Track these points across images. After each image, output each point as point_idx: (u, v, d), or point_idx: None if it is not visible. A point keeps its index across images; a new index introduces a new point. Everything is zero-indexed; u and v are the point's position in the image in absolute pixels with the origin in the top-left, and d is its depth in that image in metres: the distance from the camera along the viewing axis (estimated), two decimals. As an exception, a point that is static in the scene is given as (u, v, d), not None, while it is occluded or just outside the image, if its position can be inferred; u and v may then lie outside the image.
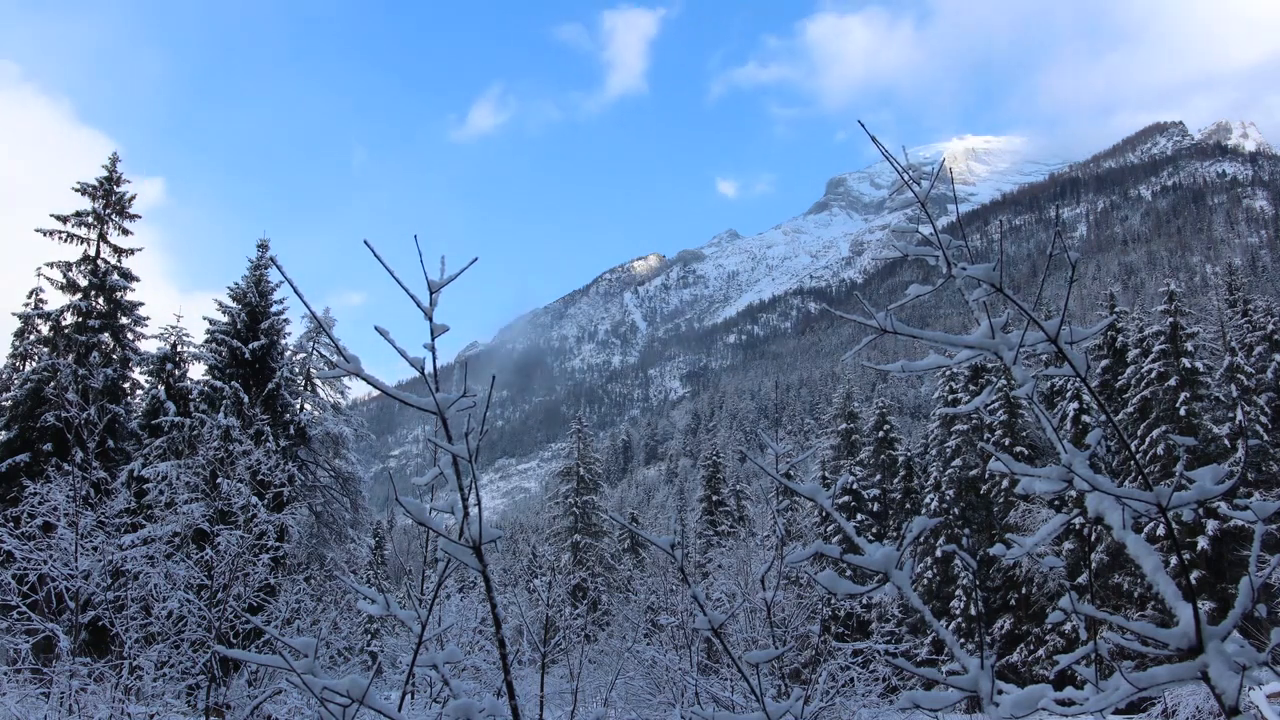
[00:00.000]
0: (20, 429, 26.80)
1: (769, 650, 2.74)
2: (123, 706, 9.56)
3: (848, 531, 2.55)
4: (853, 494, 46.69)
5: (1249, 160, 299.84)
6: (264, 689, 10.54)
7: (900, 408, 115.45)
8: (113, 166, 29.66)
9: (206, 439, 20.61)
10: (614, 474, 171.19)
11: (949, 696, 2.39)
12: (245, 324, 29.01)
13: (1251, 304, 40.42)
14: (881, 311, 2.50)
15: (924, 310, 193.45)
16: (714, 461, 54.83)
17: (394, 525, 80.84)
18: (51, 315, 28.40)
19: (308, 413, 30.19)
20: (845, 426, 53.55)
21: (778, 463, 3.23)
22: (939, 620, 11.88)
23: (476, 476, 2.58)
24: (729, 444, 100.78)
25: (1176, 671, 2.19)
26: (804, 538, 40.17)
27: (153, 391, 29.19)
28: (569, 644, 12.98)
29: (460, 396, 2.56)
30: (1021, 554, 2.58)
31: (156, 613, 10.85)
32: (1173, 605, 2.27)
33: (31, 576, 11.26)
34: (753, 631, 14.82)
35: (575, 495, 52.35)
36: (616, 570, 48.08)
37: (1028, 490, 2.49)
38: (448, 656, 2.95)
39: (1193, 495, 2.25)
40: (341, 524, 29.92)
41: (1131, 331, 38.49)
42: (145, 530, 16.33)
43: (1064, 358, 2.38)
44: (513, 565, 56.06)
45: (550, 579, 19.30)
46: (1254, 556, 2.37)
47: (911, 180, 2.66)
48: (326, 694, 2.33)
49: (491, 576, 2.68)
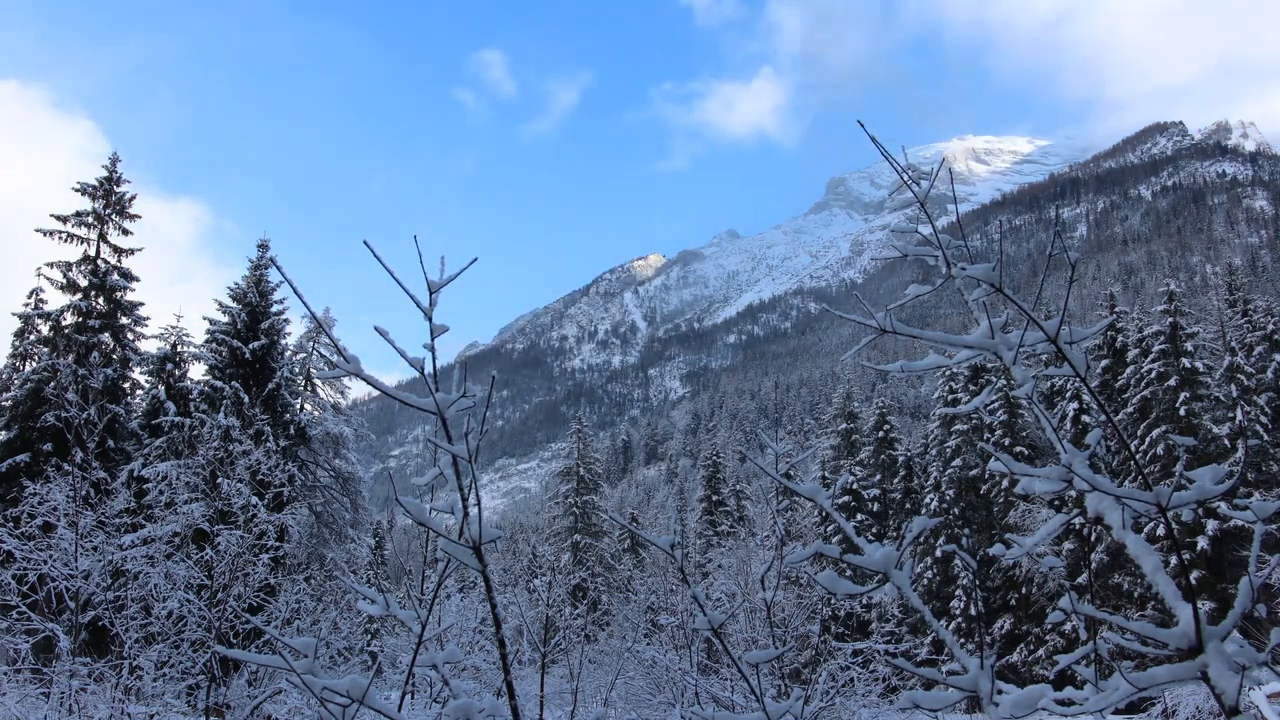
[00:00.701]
0: (20, 429, 26.80)
1: (769, 650, 2.74)
2: (123, 706, 9.56)
3: (847, 531, 2.55)
4: (853, 494, 46.69)
5: (1249, 160, 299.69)
6: (264, 689, 10.54)
7: (900, 408, 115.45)
8: (113, 167, 29.65)
9: (206, 439, 20.60)
10: (614, 474, 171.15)
11: (949, 696, 2.39)
12: (245, 324, 29.01)
13: (1251, 304, 40.42)
14: (881, 311, 2.50)
15: (924, 310, 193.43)
16: (714, 461, 54.82)
17: (394, 525, 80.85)
18: (52, 315, 28.40)
19: (308, 413, 30.19)
20: (845, 426, 53.54)
21: (777, 463, 3.23)
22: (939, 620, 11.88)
23: (476, 476, 2.58)
24: (729, 444, 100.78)
25: (1176, 671, 2.19)
26: (804, 538, 40.13)
27: (153, 391, 29.19)
28: (569, 644, 12.98)
29: (460, 396, 2.56)
30: (1021, 554, 2.58)
31: (156, 613, 10.85)
32: (1172, 605, 2.27)
33: (31, 576, 11.26)
34: (753, 631, 14.83)
35: (575, 495, 52.35)
36: (616, 570, 48.09)
37: (1027, 490, 2.49)
38: (448, 656, 2.95)
39: (1192, 495, 2.25)
40: (341, 524, 29.92)
41: (1131, 331, 38.48)
42: (145, 530, 16.34)
43: (1064, 358, 2.38)
44: (513, 565, 56.04)
45: (550, 579, 19.30)
46: (1254, 556, 2.37)
47: (911, 180, 2.66)
48: (326, 694, 2.33)
49: (491, 576, 2.68)
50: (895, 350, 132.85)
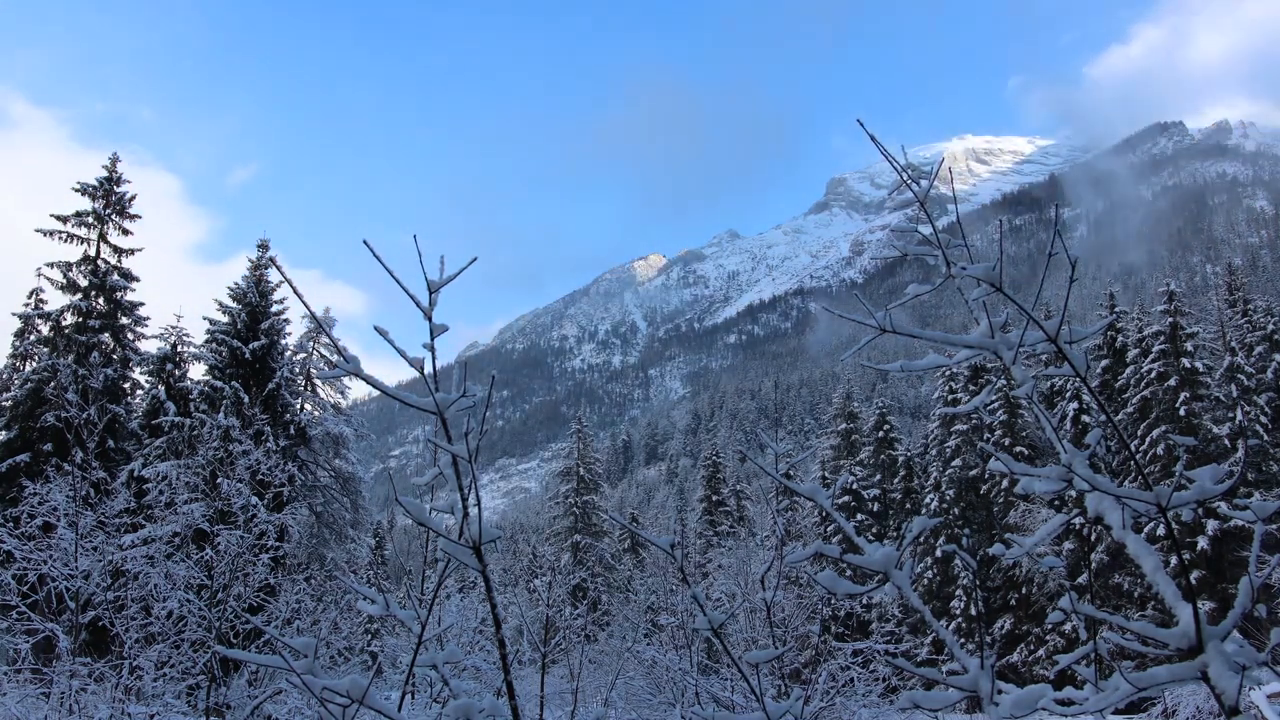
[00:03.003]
0: (20, 429, 26.79)
1: (769, 650, 2.74)
2: (123, 707, 9.56)
3: (847, 531, 2.55)
4: (853, 494, 46.68)
5: (1249, 160, 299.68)
6: (264, 689, 10.54)
7: (900, 408, 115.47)
8: (113, 167, 29.64)
9: (206, 439, 20.59)
10: (614, 474, 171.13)
11: (949, 696, 2.39)
12: (245, 324, 28.98)
13: (1251, 304, 40.42)
14: (881, 311, 2.50)
15: (924, 310, 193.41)
16: (714, 462, 54.82)
17: (394, 525, 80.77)
18: (52, 315, 28.39)
19: (308, 413, 30.18)
20: (845, 426, 53.52)
21: (777, 463, 3.23)
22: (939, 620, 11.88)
23: (476, 476, 2.58)
24: (729, 444, 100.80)
25: (1176, 671, 2.19)
26: (804, 538, 40.13)
27: (153, 391, 29.17)
28: (569, 644, 12.99)
29: (460, 396, 2.56)
30: (1021, 554, 2.58)
31: (156, 613, 10.84)
32: (1172, 605, 2.27)
33: (31, 576, 11.26)
34: (753, 631, 14.83)
35: (575, 495, 52.34)
36: (617, 570, 48.09)
37: (1027, 490, 2.49)
38: (448, 656, 2.95)
39: (1192, 495, 2.25)
40: (342, 524, 29.91)
41: (1131, 331, 38.47)
42: (145, 530, 16.35)
43: (1064, 357, 2.38)
44: (513, 565, 56.02)
45: (550, 579, 19.30)
46: (1254, 556, 2.37)
47: (911, 180, 2.66)
48: (326, 694, 2.33)
49: (491, 576, 2.68)
50: (895, 350, 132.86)
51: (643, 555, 43.83)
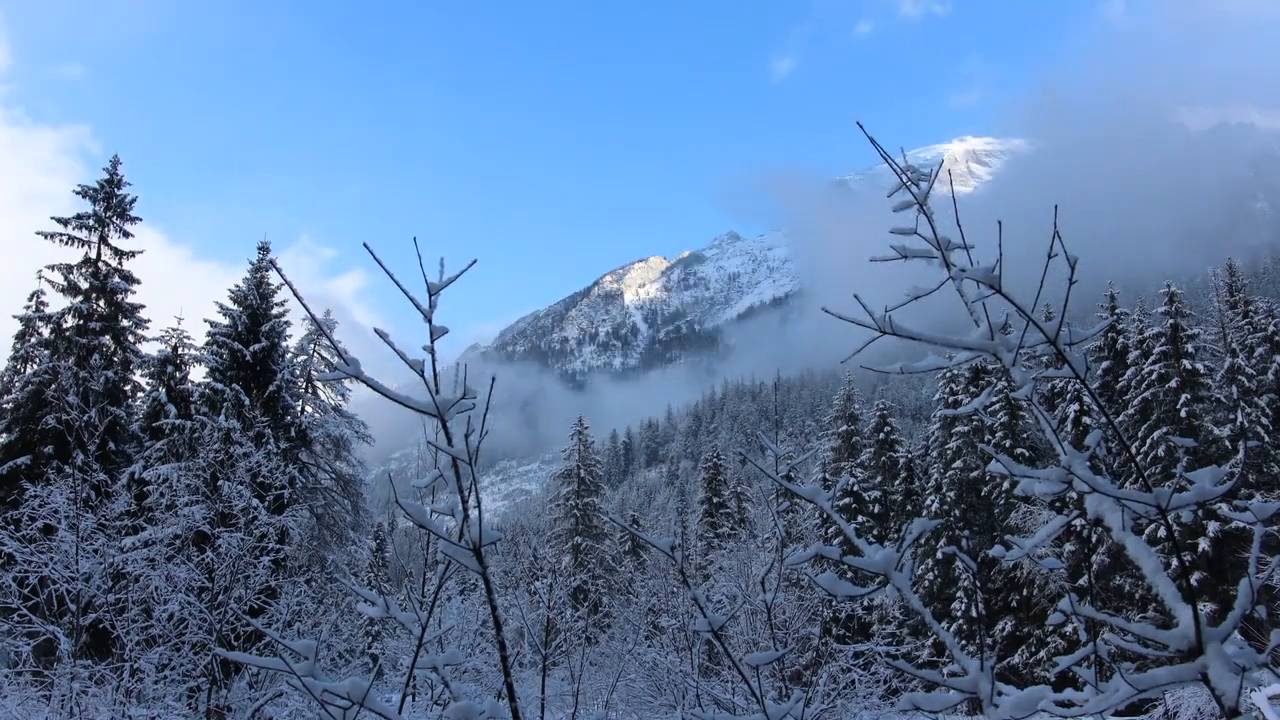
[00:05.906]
0: (21, 431, 26.79)
1: (770, 652, 2.74)
2: (124, 709, 9.56)
3: (848, 533, 2.55)
4: (853, 496, 46.65)
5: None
6: (265, 691, 10.54)
7: (901, 409, 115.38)
8: (114, 169, 29.64)
9: (207, 441, 20.58)
10: (615, 476, 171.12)
11: (949, 698, 2.39)
12: (246, 326, 28.98)
13: (1252, 305, 40.39)
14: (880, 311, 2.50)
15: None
16: (715, 464, 54.78)
17: (395, 527, 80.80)
18: (52, 318, 28.39)
19: (309, 415, 30.18)
20: (846, 428, 53.48)
21: (778, 465, 3.23)
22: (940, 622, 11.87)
23: (476, 478, 2.58)
24: (730, 446, 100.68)
25: (1176, 673, 2.19)
26: (805, 540, 40.11)
27: (154, 394, 29.17)
28: (570, 646, 12.98)
29: (460, 399, 2.56)
30: (1022, 555, 2.58)
31: (157, 615, 10.84)
32: (1173, 607, 2.27)
33: (32, 579, 11.25)
34: (754, 633, 14.82)
35: (576, 497, 52.32)
36: (617, 572, 48.04)
37: (1028, 492, 2.49)
38: (448, 659, 2.95)
39: (1193, 497, 2.25)
40: (342, 526, 29.91)
41: (1132, 333, 38.45)
42: (146, 533, 16.36)
43: (1064, 359, 2.38)
44: (513, 567, 56.05)
45: (551, 581, 19.30)
46: (1254, 558, 2.36)
47: (911, 182, 2.67)
48: (327, 696, 2.33)
49: (492, 579, 2.68)
50: (895, 352, 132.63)
51: (644, 557, 43.79)
